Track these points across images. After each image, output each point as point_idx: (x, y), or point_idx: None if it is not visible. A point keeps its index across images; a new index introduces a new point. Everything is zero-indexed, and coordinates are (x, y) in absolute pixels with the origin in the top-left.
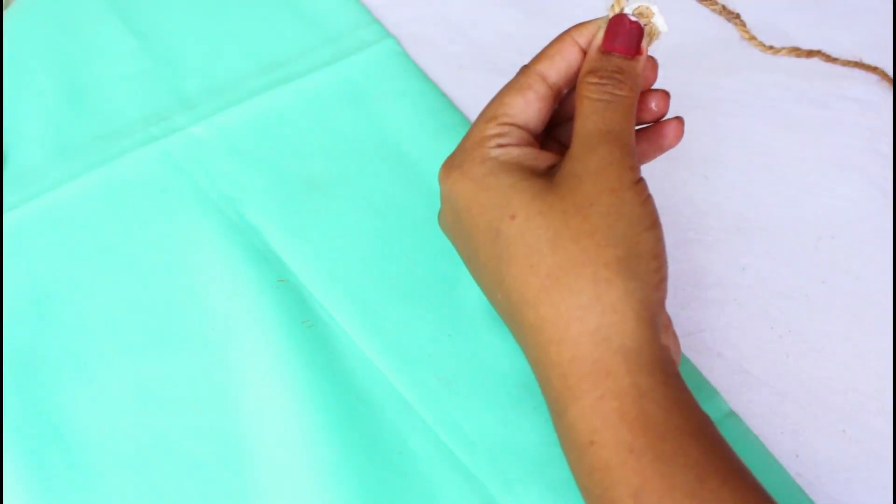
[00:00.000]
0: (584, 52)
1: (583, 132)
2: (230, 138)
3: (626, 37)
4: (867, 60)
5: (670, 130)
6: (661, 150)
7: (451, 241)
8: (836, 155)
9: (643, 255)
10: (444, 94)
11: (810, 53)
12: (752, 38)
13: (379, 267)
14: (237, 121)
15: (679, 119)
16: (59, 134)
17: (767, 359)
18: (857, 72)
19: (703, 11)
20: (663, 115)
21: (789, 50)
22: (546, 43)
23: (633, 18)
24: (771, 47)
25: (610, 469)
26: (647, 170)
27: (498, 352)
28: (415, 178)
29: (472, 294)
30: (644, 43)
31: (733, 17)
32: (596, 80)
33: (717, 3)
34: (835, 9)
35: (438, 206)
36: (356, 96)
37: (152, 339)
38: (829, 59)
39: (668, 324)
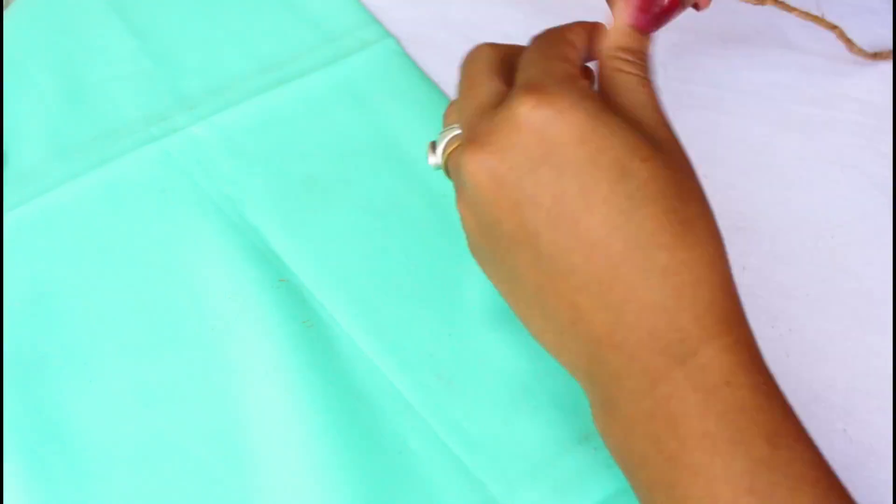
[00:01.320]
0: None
1: (639, 100)
2: (230, 138)
3: (658, 17)
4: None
5: None
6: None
7: (510, 179)
8: (836, 154)
9: None
10: (444, 94)
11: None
12: None
13: (379, 267)
14: (237, 121)
15: None
16: (59, 134)
17: (768, 358)
18: (856, 70)
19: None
20: None
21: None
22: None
23: None
24: None
25: (745, 411)
26: None
27: (499, 351)
28: (415, 178)
29: (472, 294)
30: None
31: None
32: (633, 58)
33: None
34: (835, 9)
35: (438, 205)
36: (356, 96)
37: (152, 339)
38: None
39: None
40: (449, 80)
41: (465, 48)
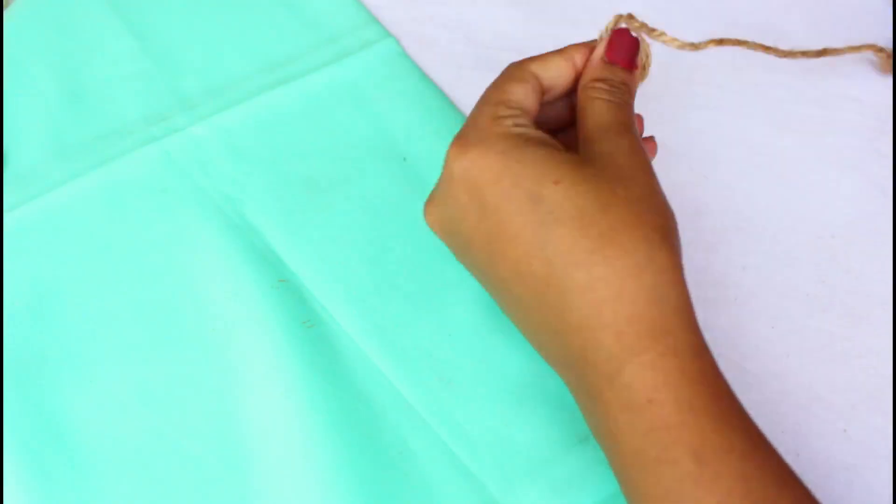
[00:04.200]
0: (576, 69)
1: (601, 123)
2: (230, 138)
3: (627, 49)
4: (867, 61)
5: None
6: None
7: (451, 227)
8: (836, 155)
9: (674, 230)
10: (444, 94)
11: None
12: (674, 40)
13: (379, 267)
14: (237, 121)
15: (652, 138)
16: (59, 134)
17: (768, 358)
18: (856, 71)
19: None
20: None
21: (712, 42)
22: (547, 43)
23: (633, 34)
24: (692, 44)
25: (670, 428)
26: None
27: (498, 352)
28: (415, 178)
29: (472, 294)
30: (638, 59)
31: (656, 33)
32: (606, 86)
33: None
34: (835, 9)
35: None
36: (356, 96)
37: (152, 340)
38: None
39: None
40: (449, 79)
41: (465, 48)
